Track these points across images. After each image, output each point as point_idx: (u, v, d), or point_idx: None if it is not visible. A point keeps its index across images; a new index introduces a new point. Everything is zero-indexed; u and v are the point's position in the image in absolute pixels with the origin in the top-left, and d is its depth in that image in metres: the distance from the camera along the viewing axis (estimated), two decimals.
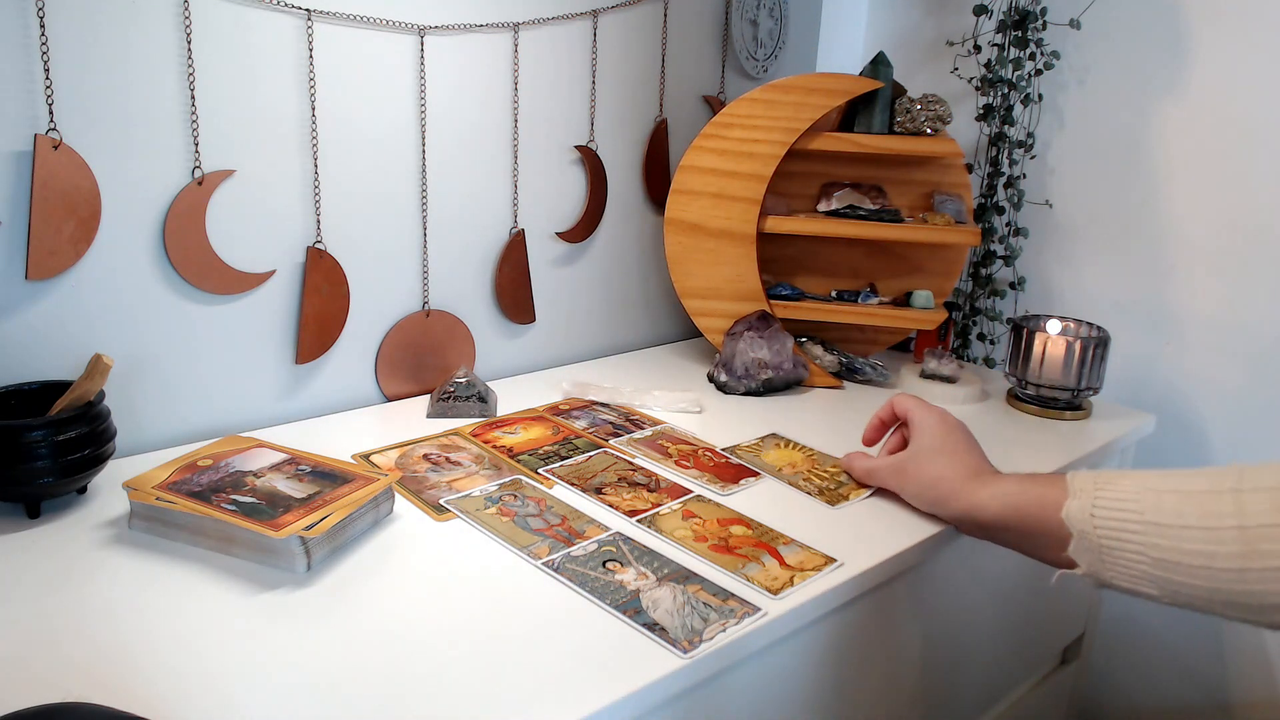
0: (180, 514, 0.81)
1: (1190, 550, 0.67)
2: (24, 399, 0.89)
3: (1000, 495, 0.80)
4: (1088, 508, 0.72)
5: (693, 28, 1.43)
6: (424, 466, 1.00)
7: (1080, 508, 0.73)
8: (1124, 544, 0.70)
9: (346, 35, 1.07)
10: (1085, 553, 0.73)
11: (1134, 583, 0.71)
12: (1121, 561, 0.71)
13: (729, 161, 1.30)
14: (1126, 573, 0.71)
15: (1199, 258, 1.36)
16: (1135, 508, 0.70)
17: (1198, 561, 0.66)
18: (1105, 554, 0.72)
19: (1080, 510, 0.72)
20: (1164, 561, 0.68)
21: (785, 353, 1.29)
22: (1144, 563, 0.70)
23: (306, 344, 1.11)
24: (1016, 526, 0.78)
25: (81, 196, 0.92)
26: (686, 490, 0.98)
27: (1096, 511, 0.72)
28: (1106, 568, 0.73)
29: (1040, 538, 0.76)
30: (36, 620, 0.71)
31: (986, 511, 0.79)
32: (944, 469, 0.87)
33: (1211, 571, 0.66)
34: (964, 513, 0.82)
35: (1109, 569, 0.73)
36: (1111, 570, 0.72)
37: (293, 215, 1.08)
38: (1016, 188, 1.48)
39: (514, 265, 1.29)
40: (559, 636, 0.72)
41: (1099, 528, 0.71)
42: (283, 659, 0.68)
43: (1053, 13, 1.41)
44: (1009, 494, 0.79)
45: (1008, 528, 0.79)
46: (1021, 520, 0.77)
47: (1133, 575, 0.71)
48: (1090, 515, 0.72)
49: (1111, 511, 0.71)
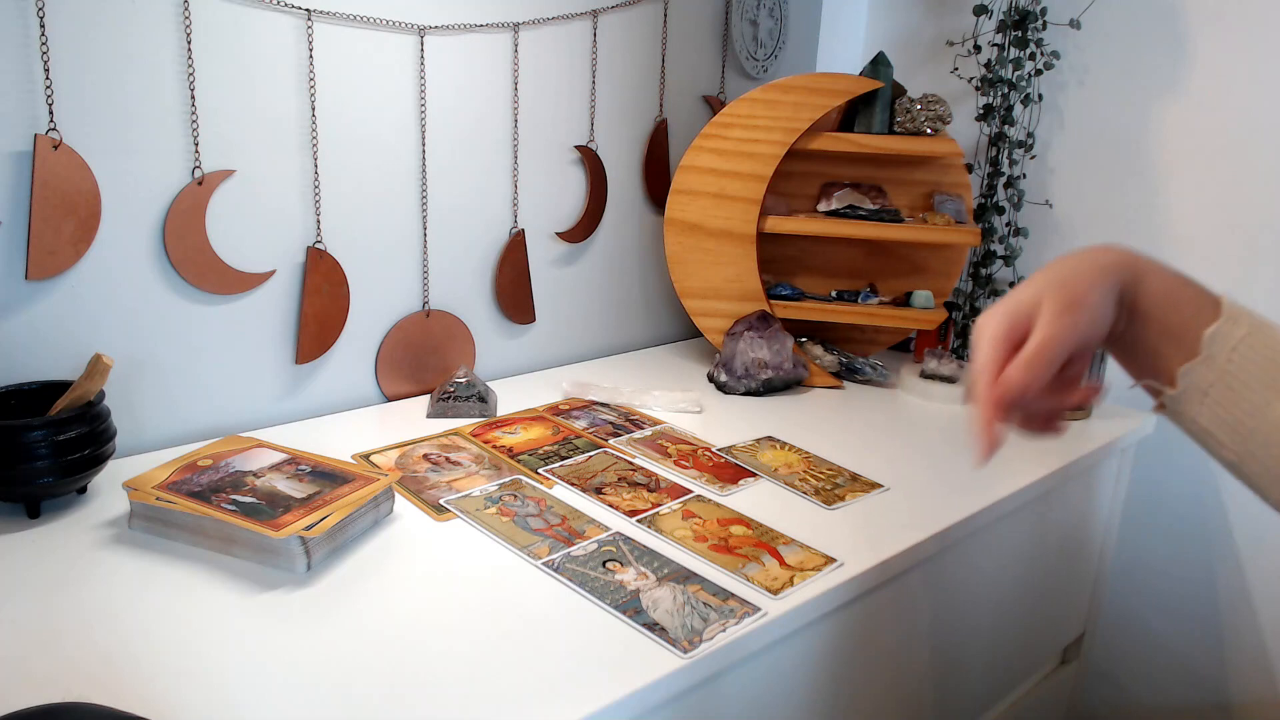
0: (180, 514, 0.81)
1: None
2: (24, 399, 0.89)
3: (1164, 280, 0.70)
4: (1236, 339, 0.66)
5: (693, 28, 1.43)
6: (424, 466, 1.00)
7: (1228, 335, 0.67)
8: (1246, 390, 0.66)
9: (346, 35, 1.07)
10: (1196, 377, 0.67)
11: (1219, 428, 0.66)
12: (1228, 402, 0.66)
13: (729, 161, 1.30)
14: (1221, 416, 0.66)
15: (1199, 258, 1.36)
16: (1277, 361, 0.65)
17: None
18: (1215, 389, 0.66)
19: (1227, 338, 0.66)
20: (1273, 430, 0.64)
21: (785, 353, 1.29)
22: (1253, 416, 0.65)
23: (306, 344, 1.11)
24: (1162, 321, 0.69)
25: (81, 196, 0.92)
26: (686, 490, 0.98)
27: (1239, 347, 0.66)
28: (1206, 401, 0.67)
29: (1173, 343, 0.68)
30: (36, 620, 0.71)
31: (1150, 293, 0.69)
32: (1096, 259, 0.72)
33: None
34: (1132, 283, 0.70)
35: (1208, 404, 0.67)
36: (1209, 407, 0.67)
37: (293, 215, 1.08)
38: (1016, 188, 1.48)
39: (514, 265, 1.29)
40: (559, 636, 0.72)
41: (1232, 362, 0.66)
42: (283, 659, 0.68)
43: (1053, 13, 1.41)
44: (1171, 284, 0.70)
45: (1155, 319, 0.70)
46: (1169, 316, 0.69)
47: (1225, 421, 0.66)
48: (1233, 348, 0.66)
49: (1257, 356, 0.66)
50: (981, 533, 1.02)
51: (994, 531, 1.05)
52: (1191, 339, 0.68)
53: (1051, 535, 1.18)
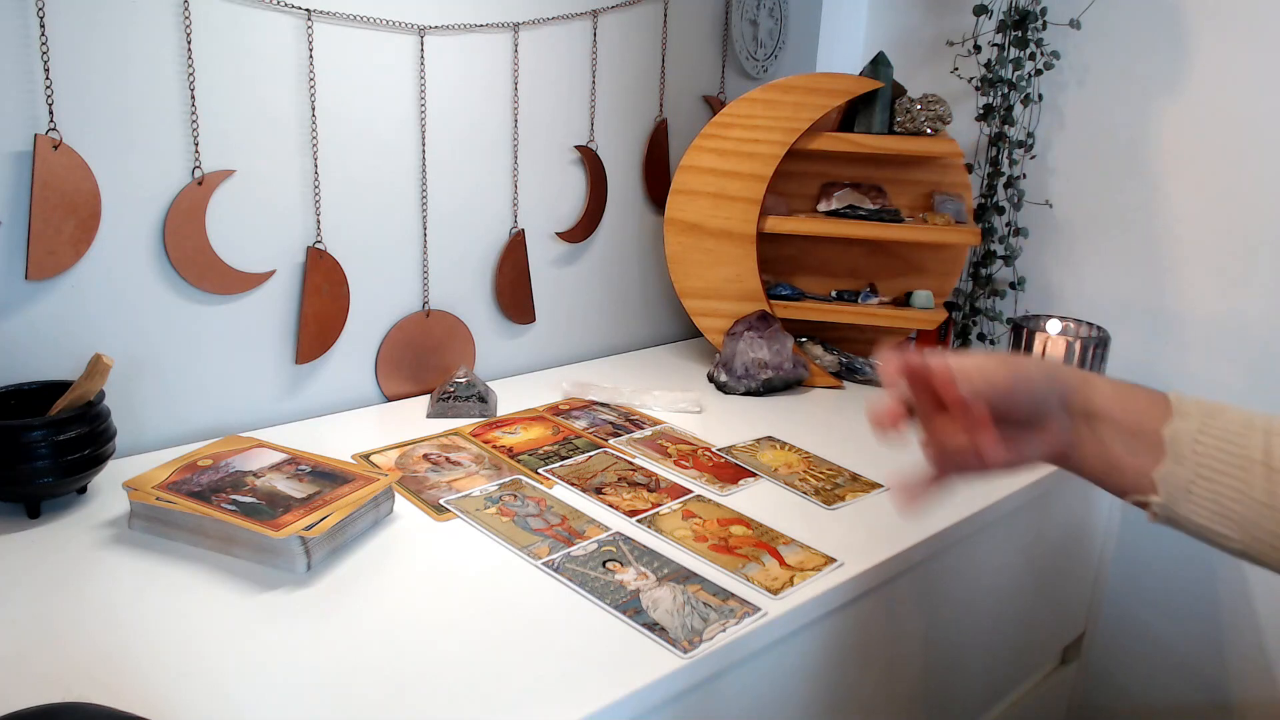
0: (180, 514, 0.81)
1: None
2: (24, 399, 0.89)
3: (1113, 384, 0.71)
4: (1193, 432, 0.67)
5: (693, 28, 1.43)
6: (424, 466, 1.00)
7: (1185, 430, 0.67)
8: (1222, 478, 0.65)
9: (346, 35, 1.07)
10: (1173, 479, 0.67)
11: (1215, 521, 0.66)
12: (1210, 495, 0.66)
13: (729, 161, 1.30)
14: (1212, 509, 0.66)
15: (1199, 258, 1.36)
16: (1242, 443, 0.65)
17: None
18: (1196, 485, 0.66)
19: (1185, 433, 0.67)
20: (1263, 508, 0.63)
21: (785, 353, 1.29)
22: (1239, 502, 0.65)
23: (306, 344, 1.11)
24: (1120, 420, 0.70)
25: (81, 196, 0.92)
26: (686, 490, 0.98)
27: (1201, 439, 0.66)
28: (1191, 499, 0.67)
29: (1136, 442, 0.69)
30: (36, 620, 0.71)
31: (1101, 394, 0.70)
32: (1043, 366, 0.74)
33: None
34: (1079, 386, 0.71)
35: (1194, 501, 0.67)
36: (1195, 504, 0.67)
37: (293, 215, 1.08)
38: (1016, 188, 1.47)
39: (514, 265, 1.29)
40: (559, 636, 0.72)
41: (1199, 454, 0.66)
42: (283, 659, 0.68)
43: (1053, 13, 1.41)
44: (1120, 387, 0.71)
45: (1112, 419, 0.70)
46: (1126, 415, 0.69)
47: (1218, 513, 0.66)
48: (1194, 440, 0.66)
49: (1219, 440, 0.66)
50: (982, 533, 1.02)
51: (994, 531, 1.05)
52: (1153, 438, 0.68)
53: (1051, 535, 1.18)
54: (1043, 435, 0.68)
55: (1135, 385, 0.71)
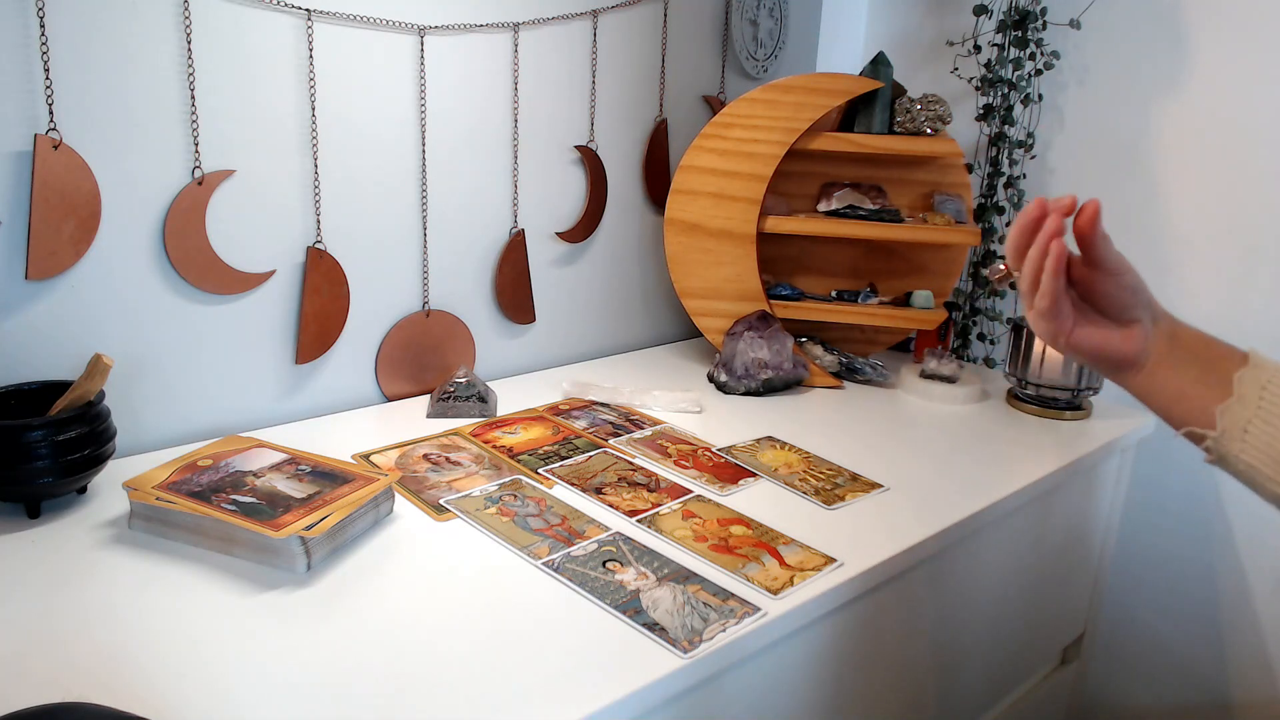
0: (180, 514, 0.81)
1: None
2: (24, 399, 0.89)
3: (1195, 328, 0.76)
4: (1263, 379, 0.71)
5: (693, 28, 1.43)
6: (424, 466, 1.00)
7: (1255, 377, 0.71)
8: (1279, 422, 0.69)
9: (346, 35, 1.07)
10: (1233, 416, 0.71)
11: (1264, 462, 0.70)
12: (1265, 437, 0.69)
13: (729, 161, 1.30)
14: (1263, 451, 0.70)
15: (1198, 257, 1.36)
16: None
17: None
18: (1253, 425, 0.70)
19: (1254, 379, 0.71)
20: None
21: (785, 353, 1.29)
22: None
23: (306, 344, 1.11)
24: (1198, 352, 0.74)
25: (81, 196, 0.92)
26: (686, 490, 0.98)
27: (1270, 386, 0.70)
28: (1246, 438, 0.70)
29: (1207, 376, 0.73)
30: (36, 620, 0.71)
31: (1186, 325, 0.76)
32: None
33: None
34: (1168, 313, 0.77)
35: (1248, 439, 0.70)
36: (1249, 442, 0.70)
37: (293, 215, 1.08)
38: (1016, 188, 1.48)
39: (514, 265, 1.29)
40: (559, 636, 0.72)
41: (1264, 399, 0.70)
42: (283, 659, 0.68)
43: (1053, 13, 1.41)
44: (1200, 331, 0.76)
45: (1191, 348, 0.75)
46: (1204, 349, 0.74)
47: (1269, 455, 0.69)
48: (1262, 387, 0.70)
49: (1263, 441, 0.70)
50: (981, 532, 1.02)
51: (994, 531, 1.05)
52: (1222, 378, 0.72)
53: (1052, 535, 1.18)
54: (1127, 333, 0.73)
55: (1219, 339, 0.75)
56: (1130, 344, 0.72)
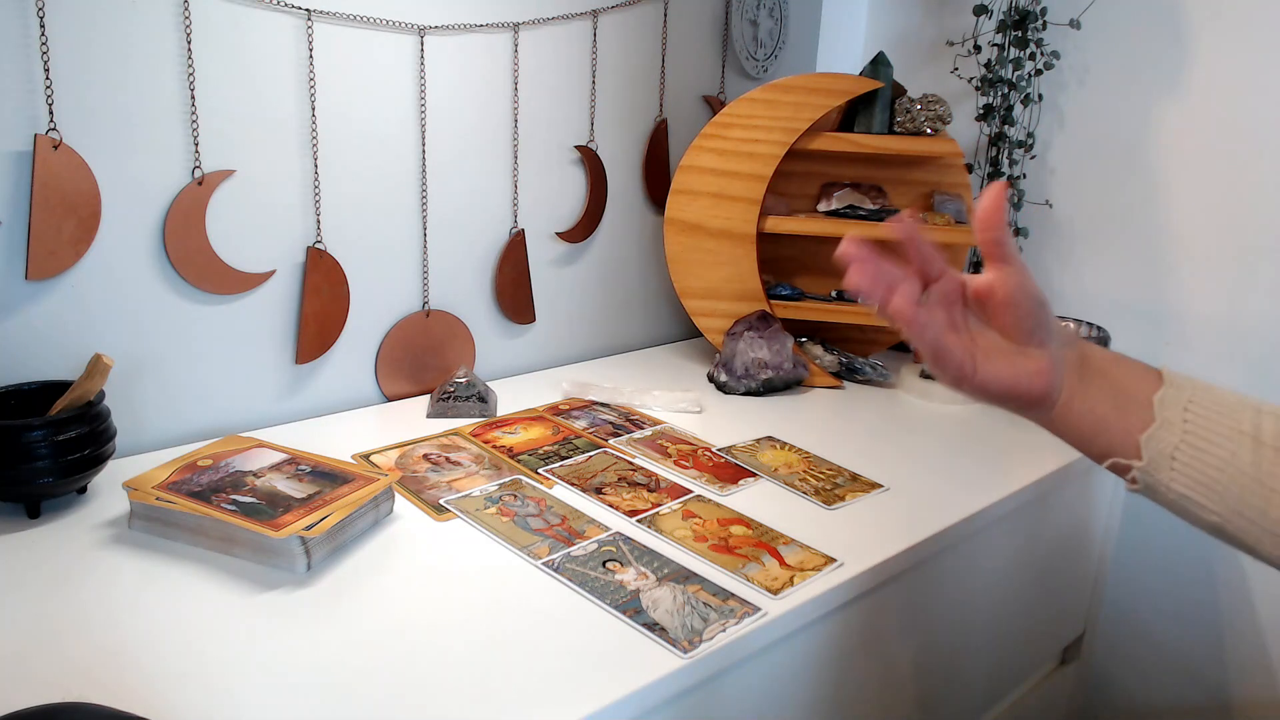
0: (180, 514, 0.81)
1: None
2: (24, 399, 0.89)
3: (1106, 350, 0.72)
4: (1183, 400, 0.67)
5: (693, 28, 1.43)
6: (424, 466, 1.00)
7: (1176, 398, 0.67)
8: (1208, 446, 0.66)
9: (346, 35, 1.07)
10: (1158, 443, 0.67)
11: (1196, 491, 0.66)
12: (1194, 463, 0.66)
13: (729, 161, 1.30)
14: (1194, 478, 0.66)
15: (1199, 257, 1.36)
16: (1232, 416, 0.66)
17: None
18: (1180, 451, 0.66)
19: (1175, 400, 0.67)
20: (1249, 481, 0.64)
21: (785, 353, 1.29)
22: (1223, 472, 0.65)
23: (306, 344, 1.11)
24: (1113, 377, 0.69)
25: (81, 196, 0.92)
26: (686, 490, 0.98)
27: (1191, 407, 0.67)
28: (1174, 466, 0.67)
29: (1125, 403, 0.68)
30: (36, 620, 0.71)
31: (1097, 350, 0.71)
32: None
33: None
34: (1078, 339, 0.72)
35: (1176, 468, 0.67)
36: (1178, 471, 0.67)
37: (293, 215, 1.08)
38: (1016, 188, 1.47)
39: (514, 265, 1.29)
40: (559, 636, 0.72)
41: (1188, 421, 0.66)
42: (283, 659, 0.68)
43: (1053, 13, 1.41)
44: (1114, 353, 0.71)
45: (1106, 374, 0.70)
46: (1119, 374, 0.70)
47: (1200, 482, 0.66)
48: (1184, 409, 0.67)
49: (1209, 411, 0.66)
50: (981, 533, 1.02)
51: (994, 531, 1.05)
52: (1143, 402, 0.68)
53: (1051, 535, 1.18)
54: (1038, 366, 0.65)
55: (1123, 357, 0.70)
56: (1041, 379, 0.65)
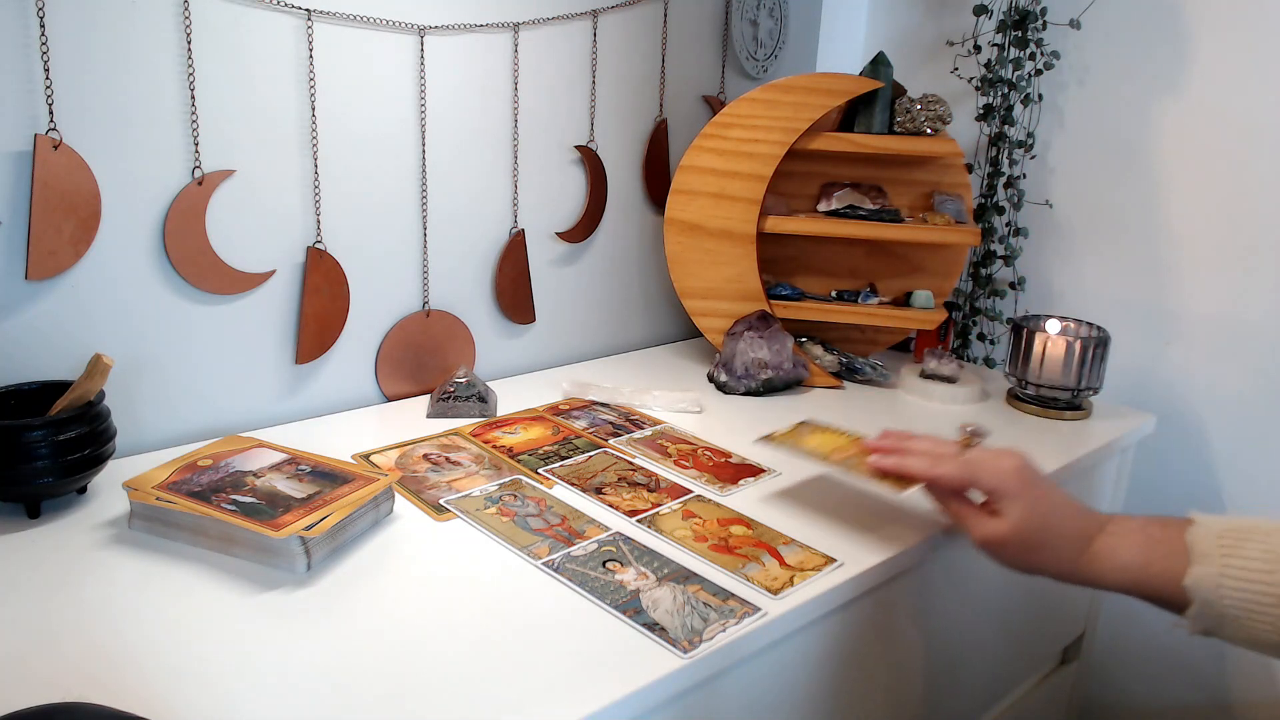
0: (180, 514, 0.81)
1: None
2: (24, 399, 0.89)
3: (1118, 570, 0.75)
4: (1214, 577, 0.69)
5: (693, 28, 1.43)
6: (424, 466, 1.00)
7: (1207, 576, 0.69)
8: (1252, 615, 0.68)
9: (346, 35, 1.07)
10: (1205, 619, 0.70)
11: (1258, 647, 0.69)
12: (1246, 629, 0.69)
13: (729, 161, 1.30)
14: (1251, 638, 0.69)
15: (1199, 257, 1.36)
16: (1266, 580, 0.67)
17: None
18: (1228, 622, 0.69)
19: (1207, 580, 0.69)
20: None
21: (785, 353, 1.29)
22: (1273, 632, 0.67)
23: (306, 344, 1.11)
24: (1136, 594, 0.75)
25: (81, 196, 0.92)
26: (686, 490, 0.98)
27: (1224, 583, 0.68)
28: (1228, 629, 0.70)
29: (1161, 602, 0.74)
30: (36, 620, 0.71)
31: (1105, 583, 0.76)
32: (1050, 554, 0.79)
33: None
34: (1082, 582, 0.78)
35: (1230, 630, 0.70)
36: (1234, 633, 0.70)
37: (293, 215, 1.08)
38: (1016, 188, 1.48)
39: (514, 265, 1.29)
40: (559, 636, 0.72)
41: (1225, 599, 0.68)
42: (283, 659, 0.68)
43: (1053, 13, 1.41)
44: (1127, 569, 0.75)
45: (1127, 593, 0.76)
46: (1142, 591, 0.74)
47: (1258, 640, 0.69)
48: (1218, 586, 0.69)
49: (1241, 584, 0.68)
50: None
51: None
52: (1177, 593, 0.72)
53: None
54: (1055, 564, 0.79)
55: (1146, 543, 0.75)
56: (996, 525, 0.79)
